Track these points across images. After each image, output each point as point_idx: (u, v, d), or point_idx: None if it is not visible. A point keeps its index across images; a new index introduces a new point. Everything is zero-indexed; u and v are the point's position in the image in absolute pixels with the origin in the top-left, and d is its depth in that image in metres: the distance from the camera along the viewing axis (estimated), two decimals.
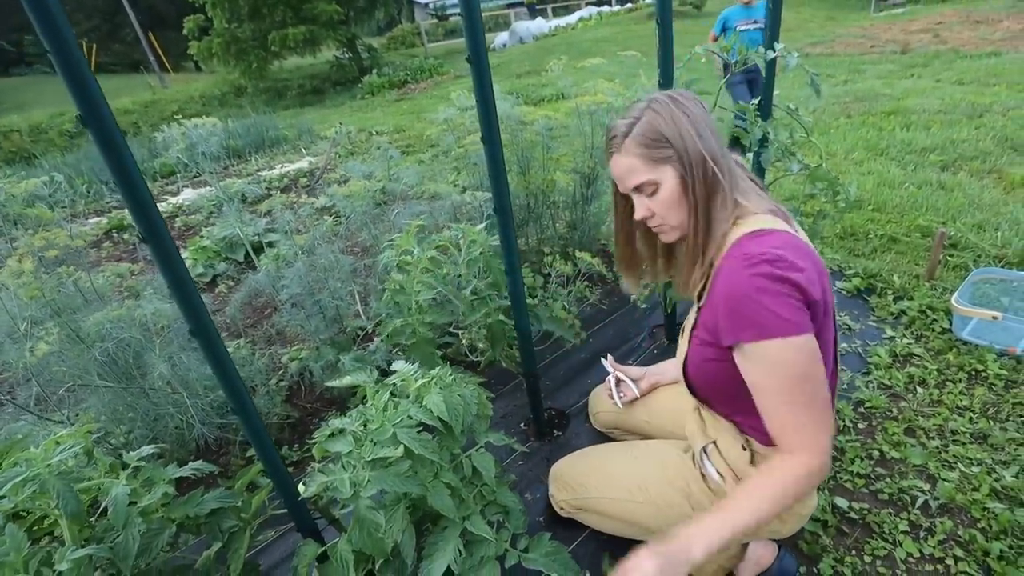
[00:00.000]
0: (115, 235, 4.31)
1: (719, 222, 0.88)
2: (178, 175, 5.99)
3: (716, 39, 4.17)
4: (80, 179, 5.84)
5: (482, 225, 1.40)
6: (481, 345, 1.60)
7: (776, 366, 0.80)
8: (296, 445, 1.85)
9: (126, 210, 4.57)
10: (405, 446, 0.86)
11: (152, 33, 16.18)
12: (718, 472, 1.03)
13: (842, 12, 12.68)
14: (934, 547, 1.26)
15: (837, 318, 0.90)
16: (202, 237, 3.47)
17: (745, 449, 1.00)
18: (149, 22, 17.00)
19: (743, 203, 0.89)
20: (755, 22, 3.96)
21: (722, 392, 0.97)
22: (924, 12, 10.72)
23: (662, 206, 0.91)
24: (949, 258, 2.34)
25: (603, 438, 1.60)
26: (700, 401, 1.07)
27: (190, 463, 1.03)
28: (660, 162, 0.88)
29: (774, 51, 1.45)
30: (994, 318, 1.76)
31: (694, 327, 1.00)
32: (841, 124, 4.47)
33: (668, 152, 0.87)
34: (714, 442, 1.05)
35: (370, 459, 0.84)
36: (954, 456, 1.47)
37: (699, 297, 0.99)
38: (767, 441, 0.95)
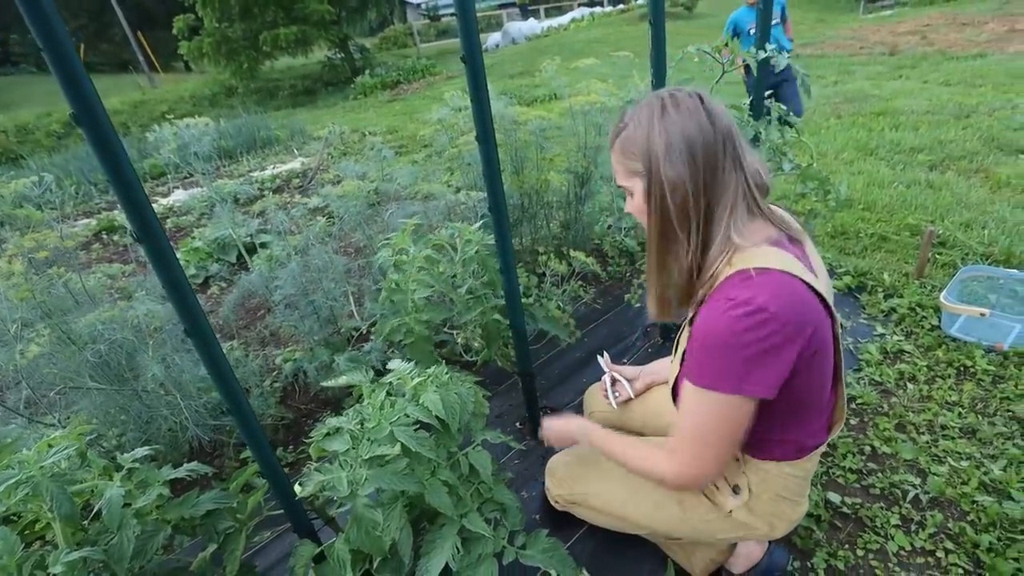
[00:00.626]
0: (104, 237, 4.27)
1: (673, 262, 0.85)
2: (168, 176, 5.94)
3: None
4: (68, 180, 5.78)
5: (478, 224, 1.41)
6: (476, 344, 1.60)
7: (704, 406, 0.83)
8: (291, 446, 1.84)
9: (115, 211, 4.51)
10: (402, 444, 0.86)
11: (141, 32, 16.02)
12: None
13: (831, 14, 12.82)
14: (925, 540, 1.28)
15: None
16: (194, 238, 3.45)
17: (737, 460, 1.01)
18: (138, 21, 16.82)
19: (736, 239, 0.81)
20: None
21: None
22: (911, 14, 10.86)
23: (635, 211, 0.91)
24: (938, 256, 2.37)
25: None
26: None
27: (185, 465, 1.02)
28: (632, 173, 0.87)
29: (765, 51, 1.47)
30: (982, 315, 1.78)
31: (685, 350, 0.98)
32: (831, 124, 4.52)
33: (638, 166, 0.84)
34: None
35: (367, 457, 0.84)
36: (944, 451, 1.49)
37: (692, 320, 0.97)
38: (763, 455, 0.97)
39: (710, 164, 0.80)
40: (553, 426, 1.19)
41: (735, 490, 1.00)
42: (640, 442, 1.04)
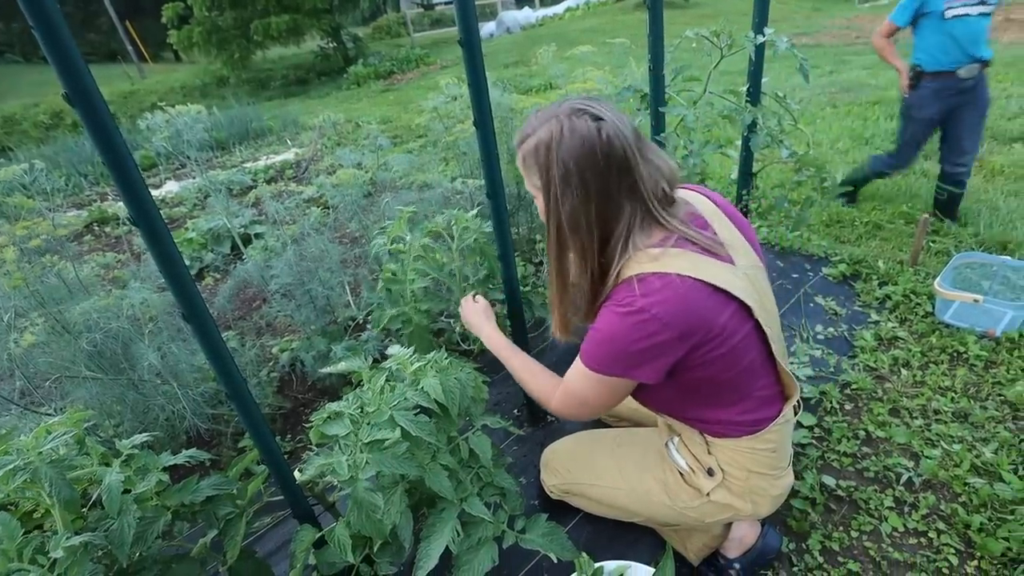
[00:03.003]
0: (96, 228, 4.23)
1: (570, 277, 0.92)
2: (160, 167, 5.87)
3: (894, 32, 2.43)
4: (58, 172, 5.69)
5: (474, 211, 1.40)
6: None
7: (589, 382, 0.93)
8: (289, 435, 1.84)
9: (107, 202, 4.44)
10: (402, 428, 0.86)
11: (129, 21, 15.72)
12: (687, 464, 1.07)
13: (827, 3, 12.75)
14: (918, 521, 1.30)
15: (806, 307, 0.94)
16: (187, 229, 3.42)
17: (702, 443, 1.04)
18: (126, 10, 16.46)
19: (630, 251, 0.86)
20: (982, 2, 2.26)
21: (654, 404, 1.05)
22: None
23: (542, 216, 0.94)
24: (932, 244, 2.39)
25: (595, 424, 1.62)
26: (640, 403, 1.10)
27: (184, 452, 1.02)
28: (535, 187, 0.91)
29: (763, 35, 1.46)
30: (975, 301, 1.80)
31: None
32: (827, 114, 4.52)
33: (538, 184, 0.89)
34: (679, 436, 1.10)
35: (368, 441, 0.84)
36: (937, 434, 1.51)
37: None
38: (717, 432, 1.01)
39: (603, 195, 0.84)
40: (468, 311, 1.28)
41: (709, 472, 1.04)
42: (538, 369, 1.12)
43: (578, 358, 0.94)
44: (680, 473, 1.08)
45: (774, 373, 0.99)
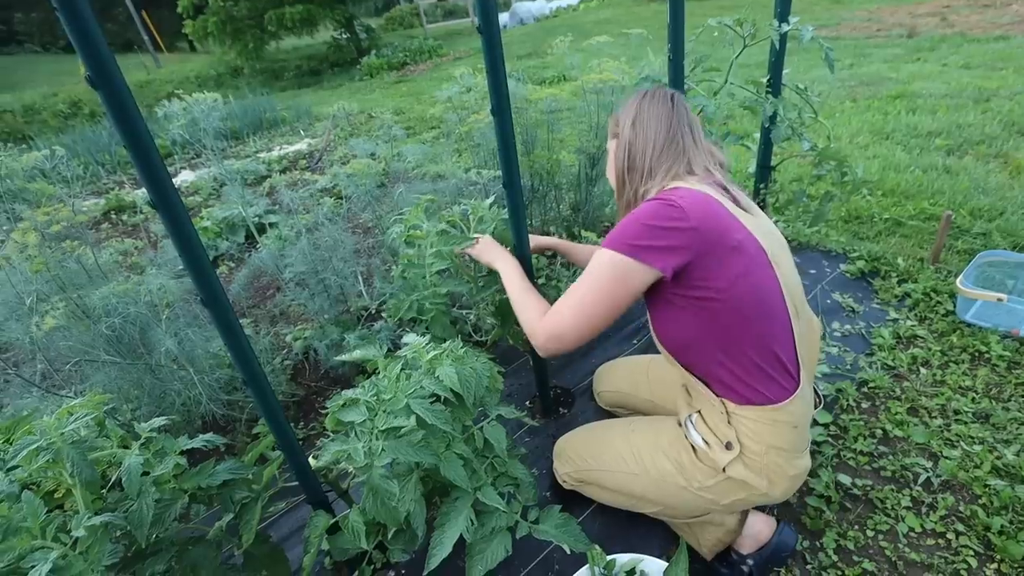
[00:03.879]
0: (113, 216, 4.28)
1: (629, 188, 1.13)
2: (175, 156, 5.92)
3: None
4: (76, 160, 5.77)
5: (490, 200, 1.39)
6: (490, 321, 1.60)
7: (601, 268, 0.99)
8: (302, 423, 1.86)
9: (124, 190, 4.49)
10: (418, 416, 0.86)
11: (145, 11, 15.82)
12: (704, 440, 1.06)
13: None
14: (936, 522, 1.28)
15: (827, 298, 0.96)
16: (203, 218, 3.45)
17: (723, 413, 1.03)
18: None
19: (671, 179, 1.07)
20: None
21: (679, 343, 1.05)
22: None
23: (608, 171, 1.21)
24: (954, 242, 2.34)
25: (607, 416, 1.61)
26: (669, 356, 1.10)
27: (200, 436, 1.03)
28: (612, 135, 1.18)
29: (788, 25, 1.43)
30: (999, 300, 1.76)
31: None
32: (847, 108, 4.43)
33: (615, 129, 1.17)
34: (699, 411, 1.09)
35: (384, 428, 0.84)
36: (956, 435, 1.49)
37: None
38: (740, 399, 1.00)
39: (658, 141, 1.08)
40: (483, 242, 1.37)
41: (727, 447, 1.03)
42: (534, 297, 1.18)
43: (593, 256, 1.02)
44: (694, 449, 1.07)
45: (793, 342, 1.00)
